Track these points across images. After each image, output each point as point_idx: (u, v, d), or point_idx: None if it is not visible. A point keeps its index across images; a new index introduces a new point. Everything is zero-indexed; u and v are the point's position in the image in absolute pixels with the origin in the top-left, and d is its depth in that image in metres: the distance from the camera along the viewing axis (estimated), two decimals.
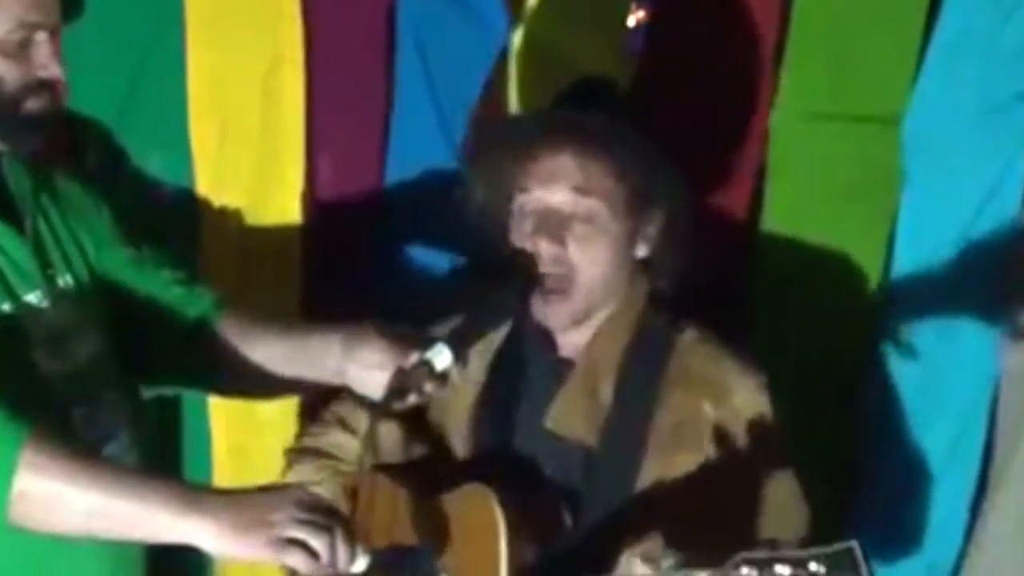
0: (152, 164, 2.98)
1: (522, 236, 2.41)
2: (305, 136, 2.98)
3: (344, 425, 2.52)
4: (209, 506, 1.97)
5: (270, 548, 1.96)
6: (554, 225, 2.37)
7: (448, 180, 2.83)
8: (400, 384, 2.19)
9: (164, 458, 2.89)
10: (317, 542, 1.96)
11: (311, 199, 3.00)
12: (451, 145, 2.99)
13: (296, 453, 2.57)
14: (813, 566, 1.85)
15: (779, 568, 1.86)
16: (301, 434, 2.65)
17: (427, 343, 2.23)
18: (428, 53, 3.00)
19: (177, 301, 2.39)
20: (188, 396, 2.93)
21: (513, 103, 2.97)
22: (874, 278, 2.84)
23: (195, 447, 3.01)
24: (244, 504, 1.98)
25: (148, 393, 2.48)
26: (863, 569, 1.82)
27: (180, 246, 2.84)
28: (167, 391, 2.61)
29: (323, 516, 1.99)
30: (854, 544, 1.84)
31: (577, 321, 2.42)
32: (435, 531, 2.31)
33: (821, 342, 2.82)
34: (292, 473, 2.53)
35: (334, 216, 3.02)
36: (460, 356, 2.23)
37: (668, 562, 1.96)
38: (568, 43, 2.94)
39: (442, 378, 2.22)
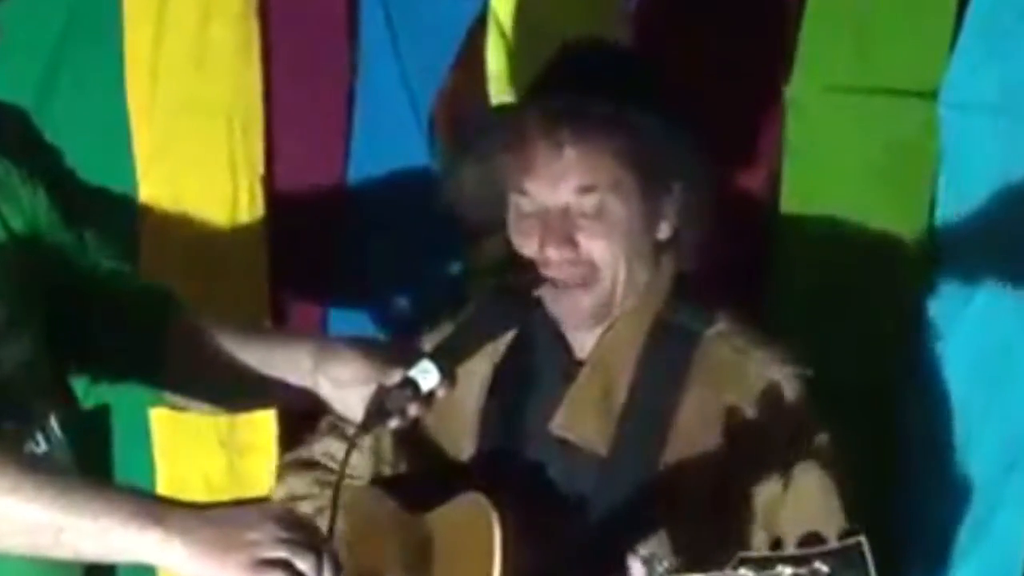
0: (81, 140, 2.85)
1: (523, 239, 2.27)
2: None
3: (338, 432, 2.38)
4: (178, 522, 1.84)
5: (250, 570, 1.83)
6: (560, 226, 2.24)
7: (415, 158, 2.82)
8: (380, 405, 2.06)
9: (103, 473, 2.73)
10: (304, 564, 1.83)
11: (268, 179, 2.90)
12: (419, 119, 2.86)
13: (287, 466, 2.48)
14: (817, 564, 1.76)
15: (780, 568, 1.78)
16: (287, 437, 2.59)
17: (411, 359, 2.09)
18: (394, 16, 2.87)
19: (125, 292, 2.24)
20: (128, 411, 2.80)
21: (492, 74, 2.79)
22: (911, 269, 2.66)
23: (134, 465, 2.87)
24: (219, 521, 1.86)
25: (87, 401, 2.37)
26: (871, 566, 1.75)
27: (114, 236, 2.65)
28: (108, 395, 2.45)
29: (307, 535, 1.87)
30: (861, 539, 1.75)
31: (600, 317, 2.29)
32: (422, 549, 2.21)
33: (849, 345, 2.65)
34: (281, 487, 2.44)
35: (294, 199, 2.90)
36: (448, 374, 2.09)
37: (663, 565, 1.88)
38: (555, 4, 2.79)
39: (428, 399, 2.09)
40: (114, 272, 2.25)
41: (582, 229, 2.23)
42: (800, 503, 2.20)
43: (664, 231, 2.30)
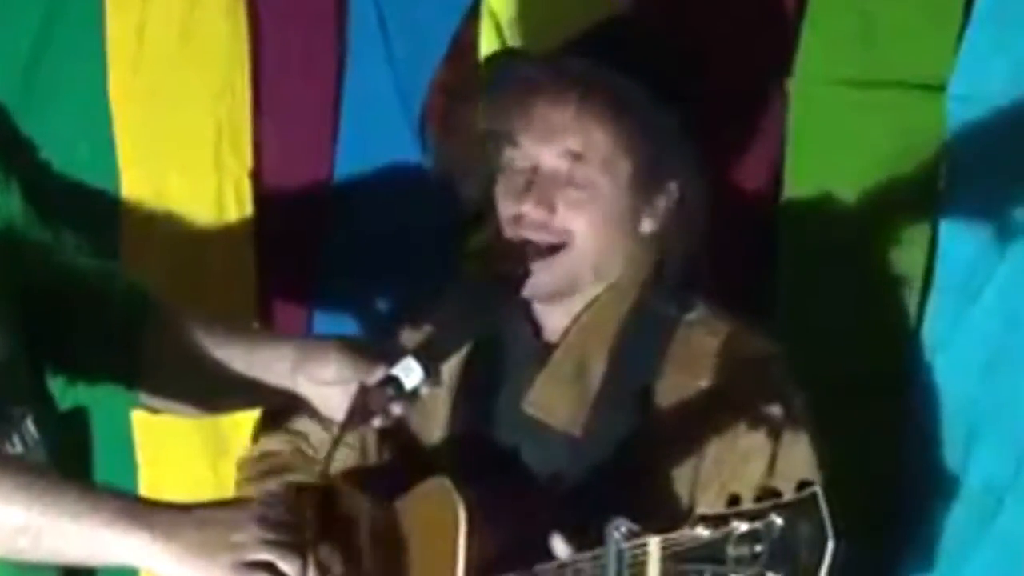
0: (61, 131, 2.82)
1: (507, 197, 2.30)
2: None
3: (318, 416, 2.33)
4: (162, 523, 1.84)
5: (235, 573, 1.83)
6: (543, 186, 2.26)
7: (404, 154, 2.81)
8: (363, 404, 2.06)
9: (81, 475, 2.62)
10: (289, 566, 1.84)
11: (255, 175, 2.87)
12: (408, 113, 2.83)
13: (263, 428, 2.48)
14: (772, 517, 1.73)
15: (736, 523, 1.75)
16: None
17: (394, 356, 2.08)
18: (384, 7, 2.84)
19: (101, 292, 2.22)
20: (109, 413, 2.68)
21: None
22: (916, 268, 2.62)
23: (115, 467, 2.78)
24: (201, 521, 1.85)
25: (64, 402, 2.28)
26: (826, 515, 1.71)
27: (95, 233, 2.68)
28: (91, 396, 2.39)
29: (291, 536, 1.87)
30: (816, 489, 1.72)
31: (562, 291, 2.30)
32: (392, 536, 2.21)
33: (852, 340, 2.62)
34: (252, 446, 2.47)
35: (280, 196, 2.86)
36: (432, 372, 2.09)
37: (621, 530, 1.87)
38: None
39: (411, 397, 2.08)
40: (91, 271, 2.23)
41: (565, 197, 2.24)
42: (782, 476, 2.16)
43: (648, 225, 2.31)
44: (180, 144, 2.83)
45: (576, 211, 2.25)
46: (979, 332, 2.55)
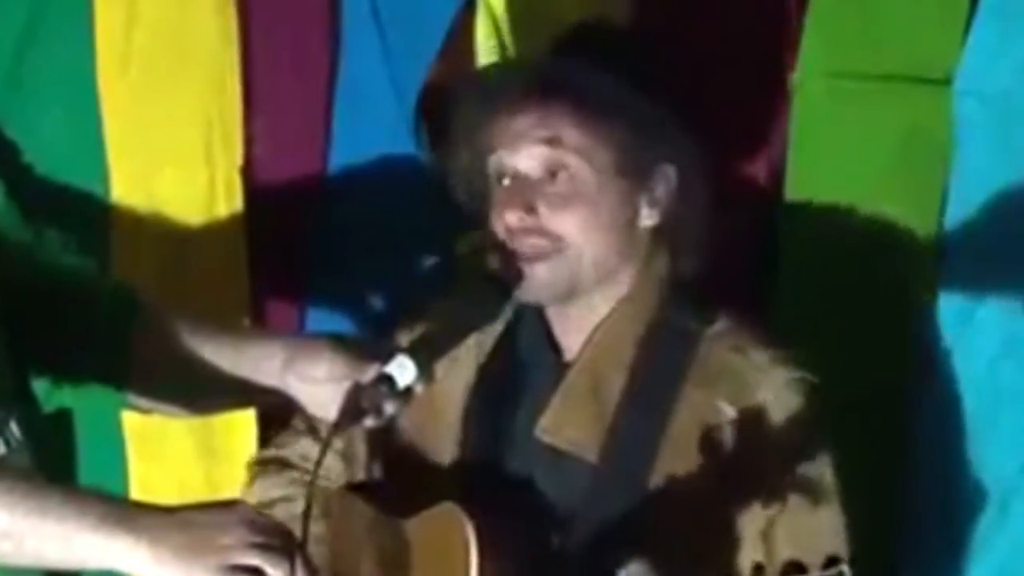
0: (49, 127, 2.79)
1: (495, 214, 2.27)
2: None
3: (315, 433, 2.37)
4: (145, 526, 1.83)
5: None
6: (521, 191, 2.23)
7: (398, 149, 2.78)
8: (355, 403, 2.03)
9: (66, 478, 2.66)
10: (276, 570, 1.83)
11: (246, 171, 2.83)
12: (403, 108, 2.78)
13: (260, 465, 2.47)
14: None
15: None
16: (267, 443, 2.56)
17: (387, 354, 2.07)
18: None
19: (87, 293, 2.20)
20: (99, 415, 2.76)
21: (484, 59, 2.74)
22: (921, 266, 2.61)
23: (105, 469, 2.81)
24: (187, 524, 1.84)
25: (49, 404, 2.30)
26: None
27: (84, 229, 2.71)
28: (82, 398, 2.40)
29: (279, 539, 1.85)
30: (844, 569, 1.73)
31: (560, 293, 2.24)
32: (400, 555, 2.21)
33: (858, 342, 2.59)
34: (256, 488, 2.44)
35: (272, 192, 2.83)
36: (426, 370, 2.07)
37: None
38: None
39: (405, 396, 2.06)
40: (77, 271, 2.22)
41: (545, 197, 2.20)
42: (798, 522, 2.14)
43: (650, 218, 2.26)
44: (170, 139, 2.79)
45: (562, 211, 2.20)
46: (987, 332, 2.53)
